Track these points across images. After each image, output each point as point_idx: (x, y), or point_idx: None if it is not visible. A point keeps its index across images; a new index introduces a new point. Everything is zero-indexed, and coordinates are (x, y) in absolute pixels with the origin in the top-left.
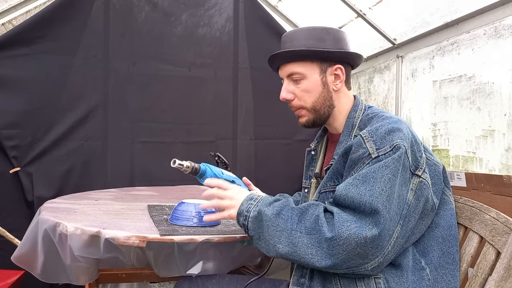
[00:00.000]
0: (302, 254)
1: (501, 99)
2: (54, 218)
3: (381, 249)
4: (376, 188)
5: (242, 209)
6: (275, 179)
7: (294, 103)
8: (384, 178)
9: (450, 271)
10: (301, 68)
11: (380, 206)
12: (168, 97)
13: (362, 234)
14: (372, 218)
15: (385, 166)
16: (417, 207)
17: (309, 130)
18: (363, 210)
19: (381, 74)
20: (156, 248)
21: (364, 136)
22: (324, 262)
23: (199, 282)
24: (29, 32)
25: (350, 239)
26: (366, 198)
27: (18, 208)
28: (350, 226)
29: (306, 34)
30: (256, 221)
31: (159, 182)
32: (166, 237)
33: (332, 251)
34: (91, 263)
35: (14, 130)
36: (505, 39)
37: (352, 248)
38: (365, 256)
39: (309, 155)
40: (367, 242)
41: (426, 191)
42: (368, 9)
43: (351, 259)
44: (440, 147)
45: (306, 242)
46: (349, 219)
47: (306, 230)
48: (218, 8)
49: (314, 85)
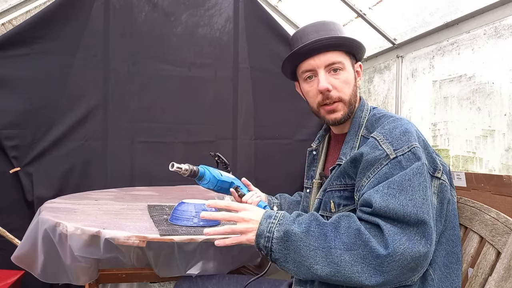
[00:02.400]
0: (348, 273)
1: (501, 99)
2: (54, 218)
3: (428, 260)
4: (417, 197)
5: (262, 229)
6: (275, 179)
7: (332, 94)
8: (421, 186)
9: (454, 271)
10: (341, 57)
11: (426, 215)
12: (168, 97)
13: (416, 249)
14: (419, 229)
15: (419, 173)
16: (442, 210)
17: (309, 130)
18: (408, 221)
19: (381, 74)
20: (156, 248)
21: (378, 138)
22: (375, 279)
23: (199, 282)
24: (29, 32)
25: (405, 254)
26: (410, 208)
27: (18, 208)
28: (401, 240)
29: (331, 26)
30: (282, 242)
31: (159, 182)
32: (166, 237)
33: (386, 267)
34: (91, 263)
35: (14, 130)
36: (505, 39)
37: (407, 263)
38: (415, 269)
39: (311, 155)
40: (421, 256)
41: (447, 192)
42: (368, 9)
43: (403, 274)
44: (440, 147)
45: (349, 260)
46: (397, 231)
47: (346, 246)
48: (218, 8)
49: (351, 77)
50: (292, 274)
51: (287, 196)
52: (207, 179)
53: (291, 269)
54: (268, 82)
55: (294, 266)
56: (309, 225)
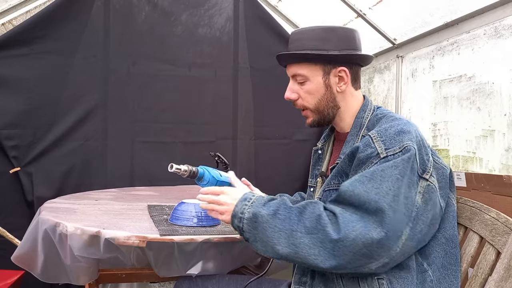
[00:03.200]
0: (305, 255)
1: (501, 99)
2: (54, 218)
3: (387, 250)
4: (383, 187)
5: (236, 211)
6: (275, 179)
7: (298, 102)
8: (392, 178)
9: (453, 272)
10: (304, 70)
11: (386, 205)
12: (168, 97)
13: (368, 235)
14: (377, 217)
15: (394, 166)
16: (425, 210)
17: (309, 130)
18: (367, 208)
19: (381, 74)
20: (156, 248)
21: (373, 136)
22: (329, 262)
23: (199, 282)
24: (29, 32)
25: (357, 240)
26: (372, 196)
27: (18, 208)
28: (355, 227)
29: (311, 34)
30: (251, 223)
31: (159, 182)
32: (166, 237)
33: (338, 252)
34: (91, 263)
35: (14, 130)
36: (505, 39)
37: (359, 249)
38: (370, 256)
39: (316, 154)
40: (373, 243)
41: (434, 194)
42: (368, 9)
43: (357, 260)
44: (440, 147)
45: (308, 242)
46: (354, 219)
47: (307, 229)
48: (218, 8)
49: (317, 87)
50: (261, 254)
51: (287, 196)
52: (206, 179)
53: (259, 248)
54: (268, 82)
55: (262, 245)
56: (277, 209)
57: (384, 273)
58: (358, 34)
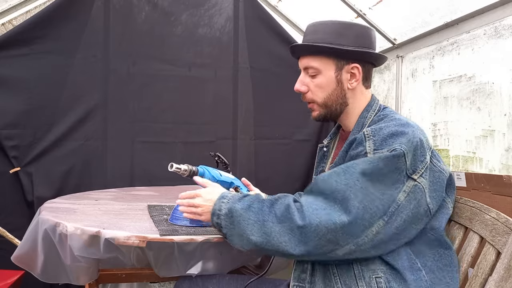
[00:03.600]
0: (276, 242)
1: (501, 99)
2: (54, 218)
3: (352, 237)
4: (353, 178)
5: (215, 209)
6: (275, 179)
7: (307, 95)
8: (365, 171)
9: (448, 273)
10: (317, 63)
11: (352, 195)
12: (168, 97)
13: (331, 220)
14: (342, 206)
15: (369, 161)
16: (407, 208)
17: (309, 130)
18: (335, 197)
19: (381, 74)
20: (156, 248)
21: (366, 134)
22: (298, 248)
23: (199, 282)
24: (29, 32)
25: (320, 226)
26: (341, 186)
27: (18, 208)
28: (319, 214)
29: (328, 28)
30: (227, 218)
31: (159, 182)
32: (166, 237)
33: (304, 238)
34: (91, 263)
35: (14, 130)
36: (505, 39)
37: (323, 234)
38: (336, 242)
39: (321, 151)
40: (337, 228)
41: (419, 194)
42: (368, 9)
43: (323, 246)
44: (440, 147)
45: (279, 230)
46: (319, 207)
47: (278, 219)
48: (218, 8)
49: (328, 82)
50: (238, 247)
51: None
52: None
53: (236, 242)
54: (268, 82)
55: (238, 239)
56: (251, 203)
57: (381, 271)
58: (374, 33)
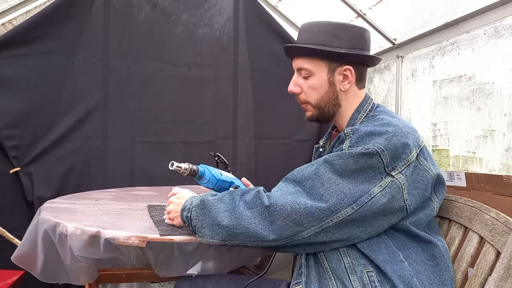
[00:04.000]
0: (246, 224)
1: (501, 99)
2: (54, 218)
3: (318, 220)
4: (322, 169)
5: (185, 205)
6: (275, 179)
7: (300, 96)
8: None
9: (430, 267)
10: (309, 65)
11: (319, 183)
12: (168, 97)
13: (296, 201)
14: (309, 193)
15: (339, 156)
16: (381, 201)
17: (309, 130)
18: (304, 185)
19: (381, 74)
20: (156, 248)
21: (346, 132)
22: (267, 229)
23: (199, 282)
24: (29, 32)
25: (286, 205)
26: (311, 175)
27: (18, 208)
28: (286, 196)
29: (322, 29)
30: (198, 209)
31: (159, 182)
32: (166, 237)
33: (271, 217)
34: (91, 263)
35: (14, 130)
36: (505, 39)
37: (288, 214)
38: (300, 223)
39: (317, 152)
40: (301, 208)
41: (394, 190)
42: (368, 9)
43: (289, 226)
44: (440, 147)
45: (249, 215)
46: (288, 191)
47: (247, 205)
48: (218, 8)
49: (320, 83)
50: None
51: None
52: (206, 178)
53: (207, 234)
54: (268, 82)
55: (209, 230)
56: (223, 195)
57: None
58: (369, 34)
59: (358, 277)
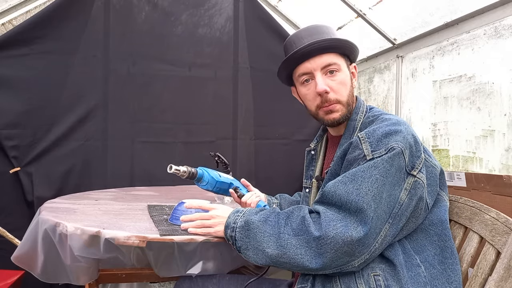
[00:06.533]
0: (292, 255)
1: (501, 99)
2: (54, 218)
3: (367, 247)
4: (363, 187)
5: (229, 221)
6: (275, 179)
7: (330, 96)
8: (372, 178)
9: (450, 265)
10: (337, 60)
11: (365, 205)
12: (168, 97)
13: (348, 233)
14: (357, 217)
15: (374, 167)
16: (410, 205)
17: (309, 130)
18: (349, 208)
19: (381, 74)
20: (156, 248)
21: (361, 137)
22: (315, 261)
23: (199, 282)
24: (29, 32)
25: (337, 238)
26: (353, 197)
27: (18, 208)
28: (336, 225)
29: (320, 29)
30: (243, 231)
31: (159, 182)
32: (166, 237)
33: (320, 250)
34: (91, 263)
35: (14, 130)
36: (505, 39)
37: (340, 247)
38: (352, 254)
39: (309, 155)
40: (353, 241)
41: (420, 190)
42: (368, 9)
43: (339, 258)
44: (440, 147)
45: (295, 243)
46: (335, 218)
47: (294, 231)
48: (218, 8)
49: (347, 78)
50: (252, 261)
51: (287, 196)
52: (205, 180)
53: (251, 256)
54: (268, 82)
55: (253, 253)
56: (267, 216)
57: (379, 269)
58: None
59: (364, 281)
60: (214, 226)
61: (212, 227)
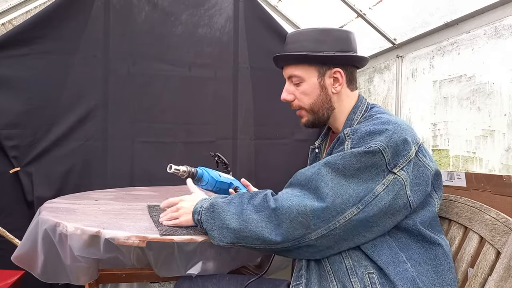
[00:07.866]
0: (253, 228)
1: (501, 99)
2: (54, 218)
3: (324, 222)
4: (324, 169)
5: (196, 207)
6: (275, 179)
7: (294, 103)
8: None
9: (433, 267)
10: (299, 71)
11: (323, 184)
12: (168, 97)
13: (302, 203)
14: (315, 194)
15: (341, 157)
16: (385, 199)
17: (309, 130)
18: (309, 186)
19: (381, 74)
20: (156, 248)
21: (346, 133)
22: (274, 233)
23: (199, 282)
24: (29, 32)
25: (292, 207)
26: (314, 176)
27: (18, 208)
28: (292, 199)
29: (306, 36)
30: (208, 212)
31: (159, 182)
32: (166, 237)
33: (277, 220)
34: (91, 263)
35: (14, 130)
36: (505, 39)
37: (294, 216)
38: (307, 226)
39: (313, 153)
40: (307, 211)
41: (397, 187)
42: (368, 9)
43: (295, 229)
44: (440, 147)
45: (257, 218)
46: (294, 193)
47: (255, 208)
48: (218, 8)
49: (312, 88)
50: (217, 242)
51: None
52: (205, 180)
53: (216, 237)
54: (268, 82)
55: (218, 233)
56: (232, 198)
57: (372, 267)
58: (353, 35)
59: (359, 279)
60: (180, 217)
61: (178, 218)
